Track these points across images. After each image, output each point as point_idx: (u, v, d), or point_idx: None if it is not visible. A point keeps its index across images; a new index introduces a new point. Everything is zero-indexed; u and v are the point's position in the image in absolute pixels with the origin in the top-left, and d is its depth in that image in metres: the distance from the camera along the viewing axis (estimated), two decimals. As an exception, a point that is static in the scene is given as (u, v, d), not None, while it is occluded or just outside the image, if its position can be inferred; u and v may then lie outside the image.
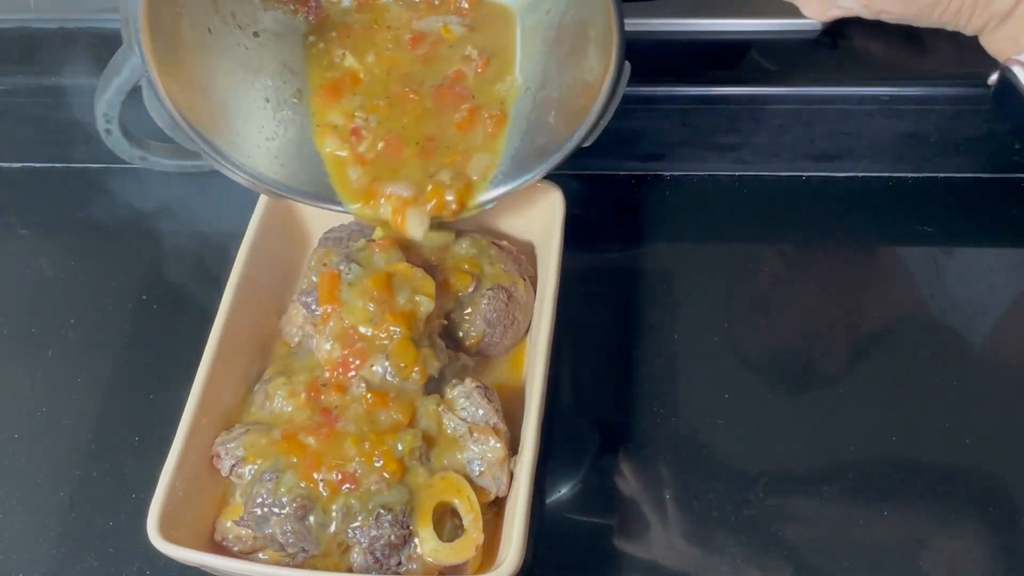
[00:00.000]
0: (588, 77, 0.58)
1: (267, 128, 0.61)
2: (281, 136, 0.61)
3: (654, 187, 0.76)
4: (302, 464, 0.53)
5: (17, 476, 0.61)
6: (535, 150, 0.60)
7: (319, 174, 0.61)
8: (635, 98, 0.71)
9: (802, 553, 0.56)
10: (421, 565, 0.52)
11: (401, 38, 0.63)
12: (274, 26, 0.61)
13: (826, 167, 0.75)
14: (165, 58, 0.53)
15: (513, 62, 0.62)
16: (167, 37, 0.53)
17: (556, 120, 0.60)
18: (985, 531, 0.57)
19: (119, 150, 0.58)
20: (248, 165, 0.59)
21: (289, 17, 0.62)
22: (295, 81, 0.62)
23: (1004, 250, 0.72)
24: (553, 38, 0.60)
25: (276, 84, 0.61)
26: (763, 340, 0.67)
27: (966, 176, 0.75)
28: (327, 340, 0.58)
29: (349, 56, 0.62)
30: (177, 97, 0.55)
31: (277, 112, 0.61)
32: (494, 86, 0.62)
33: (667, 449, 0.60)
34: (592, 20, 0.56)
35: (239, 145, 0.59)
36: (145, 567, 0.57)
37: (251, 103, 0.60)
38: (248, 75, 0.60)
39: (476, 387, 0.56)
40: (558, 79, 0.60)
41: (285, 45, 0.62)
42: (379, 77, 0.62)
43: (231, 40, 0.59)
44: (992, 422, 0.61)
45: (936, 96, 0.70)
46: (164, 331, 0.68)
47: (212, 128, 0.58)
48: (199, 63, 0.57)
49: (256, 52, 0.60)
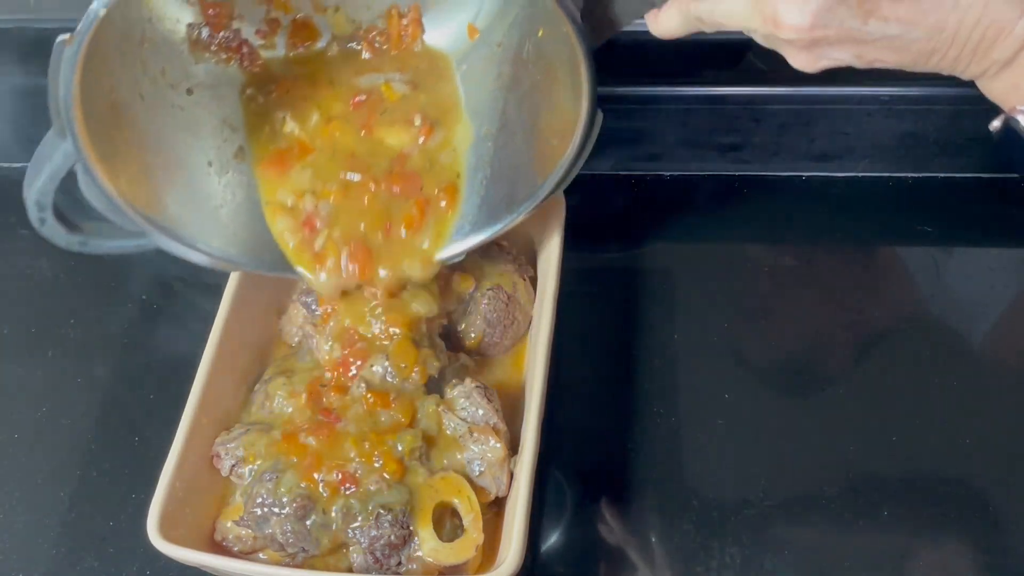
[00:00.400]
0: (556, 120, 0.55)
1: (214, 195, 0.57)
2: (229, 202, 0.58)
3: (654, 187, 0.76)
4: (302, 464, 0.53)
5: (17, 476, 0.61)
6: (504, 197, 0.58)
7: (273, 240, 0.58)
8: (635, 98, 0.72)
9: (802, 553, 0.56)
10: (421, 565, 0.52)
11: (343, 96, 0.59)
12: (207, 79, 0.57)
13: (826, 167, 0.75)
14: (99, 139, 0.50)
15: (459, 110, 0.59)
16: (100, 116, 0.50)
17: (524, 164, 0.58)
18: (984, 531, 0.57)
19: (55, 239, 0.55)
20: (198, 240, 0.56)
21: (222, 67, 0.57)
22: (236, 138, 0.58)
23: (1004, 250, 0.72)
24: (509, 74, 0.58)
25: (217, 143, 0.58)
26: (763, 340, 0.67)
27: (966, 176, 0.75)
28: (327, 340, 0.58)
29: (290, 121, 0.58)
30: (116, 179, 0.52)
31: (221, 176, 0.58)
32: (441, 154, 0.59)
33: (667, 449, 0.60)
34: (556, 57, 0.53)
35: (187, 220, 0.56)
36: (145, 567, 0.57)
37: (194, 170, 0.57)
38: (187, 138, 0.57)
39: (476, 387, 0.56)
40: (519, 119, 0.58)
41: (222, 100, 0.58)
42: (325, 152, 0.59)
43: (165, 102, 0.55)
44: (992, 422, 0.61)
45: (936, 96, 0.70)
46: (164, 331, 0.68)
47: (156, 206, 0.54)
48: (135, 137, 0.54)
49: (192, 111, 0.57)
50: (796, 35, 0.45)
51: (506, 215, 0.58)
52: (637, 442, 0.61)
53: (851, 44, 0.46)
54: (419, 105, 0.59)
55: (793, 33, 0.45)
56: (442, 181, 0.58)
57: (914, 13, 0.44)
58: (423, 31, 0.59)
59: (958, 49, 0.45)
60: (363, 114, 0.59)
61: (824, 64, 0.47)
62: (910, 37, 0.45)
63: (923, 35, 0.44)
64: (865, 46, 0.46)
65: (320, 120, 0.59)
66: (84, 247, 0.56)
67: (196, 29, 0.56)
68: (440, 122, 0.59)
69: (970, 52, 0.45)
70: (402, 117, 0.59)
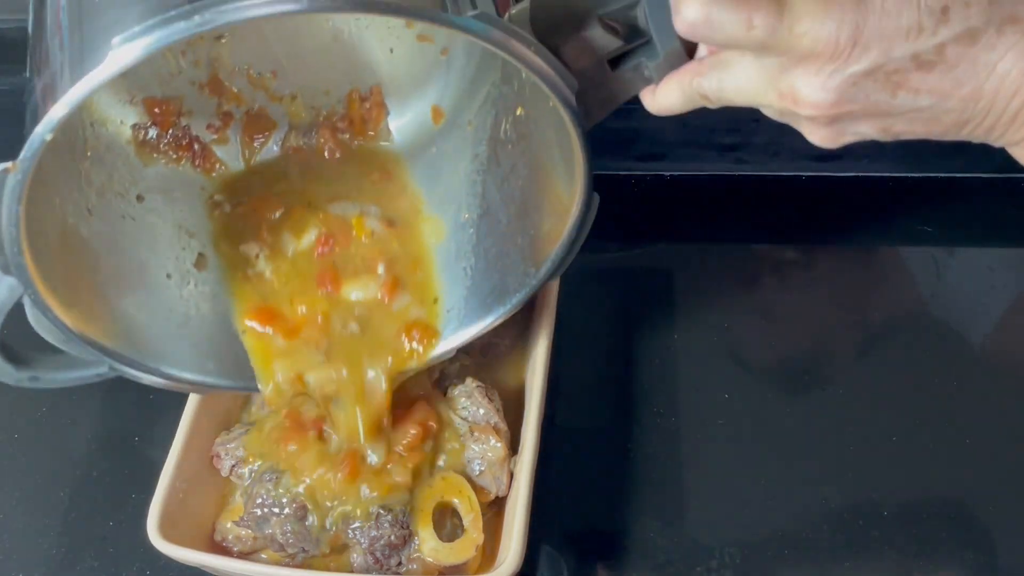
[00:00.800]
0: (545, 203, 0.52)
1: (176, 311, 0.53)
2: (194, 316, 0.53)
3: (654, 187, 0.76)
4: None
5: (17, 476, 0.61)
6: (494, 287, 0.54)
7: (243, 355, 0.53)
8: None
9: (801, 553, 0.56)
10: (421, 565, 0.52)
11: (316, 227, 0.55)
12: (158, 182, 0.54)
13: (826, 167, 0.75)
14: (48, 269, 0.44)
15: (420, 215, 0.56)
16: (47, 243, 0.45)
17: (512, 251, 0.53)
18: (985, 530, 0.57)
19: (4, 377, 0.50)
20: (163, 364, 0.51)
21: (173, 168, 0.54)
22: (194, 244, 0.54)
23: (1004, 250, 0.72)
24: (485, 155, 0.54)
25: (175, 252, 0.53)
26: (763, 340, 0.67)
27: (966, 176, 0.75)
28: (327, 340, 0.58)
29: (264, 260, 0.54)
30: (69, 309, 0.46)
31: (182, 288, 0.53)
32: (412, 304, 0.54)
33: (667, 449, 0.60)
34: (539, 136, 0.50)
35: (149, 343, 0.51)
36: (145, 567, 0.57)
37: (153, 287, 0.52)
38: (142, 251, 0.52)
39: (478, 386, 0.56)
40: (502, 203, 0.54)
41: (175, 204, 0.54)
42: (309, 316, 0.53)
43: (114, 214, 0.51)
44: (993, 422, 0.61)
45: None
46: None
47: (114, 333, 0.49)
48: (86, 260, 0.49)
49: (144, 220, 0.53)
50: (818, 112, 0.41)
51: (497, 307, 0.54)
52: (637, 442, 0.61)
53: (878, 118, 0.41)
54: (389, 252, 0.55)
55: (815, 110, 0.41)
56: (421, 325, 0.54)
57: (947, 83, 0.40)
58: (387, 112, 0.57)
59: (994, 119, 0.41)
60: (328, 261, 0.55)
61: (847, 140, 0.43)
62: (942, 108, 0.40)
63: (956, 106, 0.40)
64: (893, 119, 0.41)
65: (289, 262, 0.54)
66: (35, 383, 0.51)
67: (142, 130, 0.53)
68: (406, 278, 0.55)
69: (1007, 121, 0.41)
70: (366, 266, 0.55)
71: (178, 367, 0.52)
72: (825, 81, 0.40)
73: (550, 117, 0.45)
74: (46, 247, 0.44)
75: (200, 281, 0.54)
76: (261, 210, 0.56)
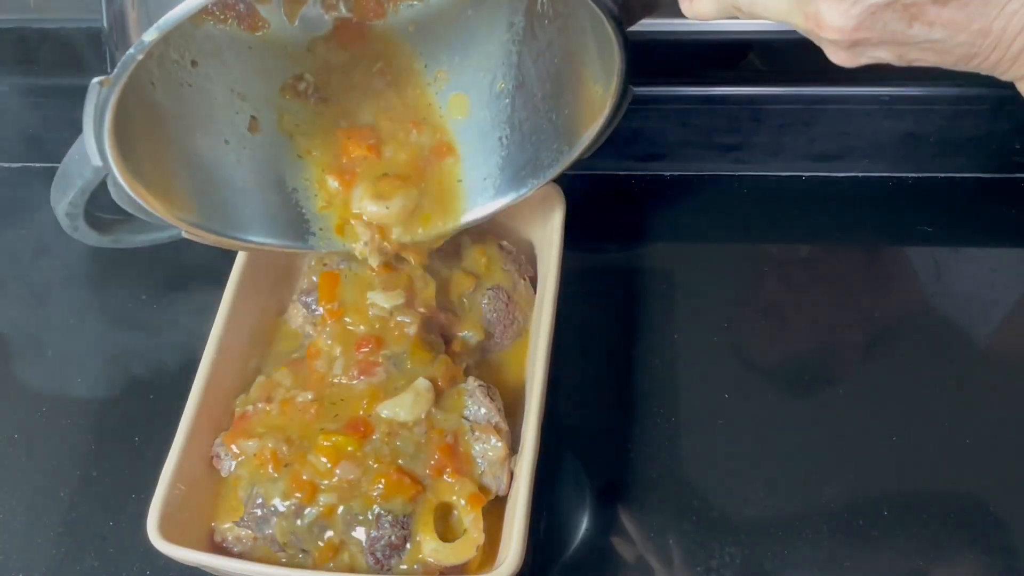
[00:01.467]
0: (582, 89, 0.55)
1: (236, 178, 0.58)
2: (252, 181, 0.58)
3: (654, 187, 0.76)
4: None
5: (17, 476, 0.61)
6: (528, 161, 0.58)
7: (295, 217, 0.59)
8: (635, 98, 0.72)
9: (802, 553, 0.56)
10: (422, 565, 0.52)
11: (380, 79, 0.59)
12: (209, 45, 0.56)
13: (826, 167, 0.75)
14: (127, 154, 0.50)
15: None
16: (125, 133, 0.49)
17: (547, 129, 0.57)
18: (985, 530, 0.57)
19: (88, 241, 0.56)
20: (228, 230, 0.57)
21: (221, 29, 0.56)
22: (246, 108, 0.58)
23: (1005, 250, 0.72)
24: (522, 26, 0.56)
25: (229, 116, 0.57)
26: (763, 340, 0.67)
27: (966, 176, 0.75)
28: (327, 340, 0.58)
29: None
30: (145, 188, 0.52)
31: (240, 153, 0.58)
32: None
33: (667, 449, 0.60)
34: (576, 20, 0.52)
35: (216, 211, 0.57)
36: (145, 567, 0.57)
37: (214, 153, 0.57)
38: (201, 117, 0.56)
39: (479, 386, 0.56)
40: (538, 79, 0.57)
41: (226, 67, 0.57)
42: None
43: (174, 82, 0.55)
44: (993, 422, 0.61)
45: (936, 96, 0.70)
46: (164, 331, 0.68)
47: (185, 204, 0.55)
48: (156, 136, 0.54)
49: (200, 85, 0.56)
50: (839, 36, 0.44)
51: (531, 179, 0.58)
52: (637, 442, 0.61)
53: (893, 46, 0.45)
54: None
55: (836, 34, 0.44)
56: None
57: (959, 18, 0.43)
58: None
59: (1000, 53, 0.45)
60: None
61: (863, 61, 0.47)
62: (953, 41, 0.44)
63: (966, 39, 0.44)
64: (907, 47, 0.45)
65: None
66: (117, 244, 0.57)
67: None
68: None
69: (1011, 58, 0.45)
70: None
71: (242, 231, 0.58)
72: (848, 9, 0.43)
73: (587, 7, 0.48)
74: (124, 133, 0.48)
75: (254, 146, 0.58)
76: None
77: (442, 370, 0.57)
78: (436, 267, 0.61)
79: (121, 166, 0.49)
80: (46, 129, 0.76)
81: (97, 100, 0.46)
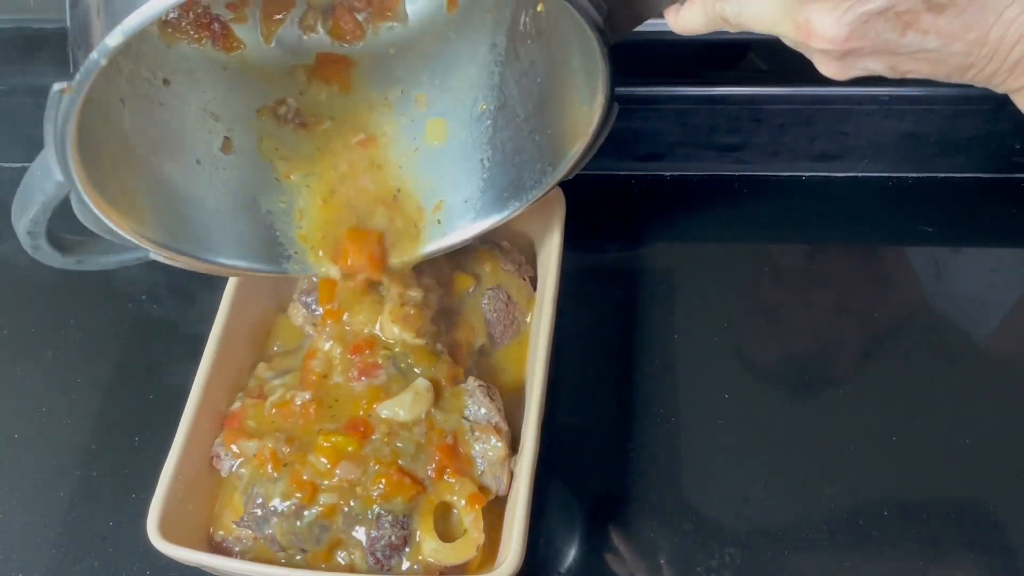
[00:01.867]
0: (565, 108, 0.54)
1: (208, 197, 0.56)
2: (223, 201, 0.56)
3: (654, 187, 0.76)
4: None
5: (17, 476, 0.61)
6: (510, 183, 0.57)
7: (269, 239, 0.58)
8: (635, 98, 0.72)
9: (801, 553, 0.56)
10: (422, 565, 0.52)
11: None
12: (182, 64, 0.54)
13: (826, 167, 0.75)
14: (91, 168, 0.47)
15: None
16: (90, 145, 0.47)
17: (529, 150, 0.56)
18: (985, 531, 0.57)
19: (51, 262, 0.53)
20: (197, 249, 0.55)
21: (194, 49, 0.55)
22: (219, 128, 0.56)
23: (1005, 250, 0.72)
24: (504, 47, 0.55)
25: (202, 136, 0.56)
26: (763, 340, 0.67)
27: (966, 176, 0.75)
28: (327, 340, 0.58)
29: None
30: (111, 204, 0.50)
31: (212, 174, 0.56)
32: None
33: (667, 449, 0.60)
34: (560, 38, 0.51)
35: (187, 232, 0.55)
36: (145, 567, 0.57)
37: (184, 174, 0.55)
38: (172, 137, 0.55)
39: (479, 386, 0.56)
40: (520, 99, 0.56)
41: (199, 86, 0.56)
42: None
43: (145, 100, 0.53)
44: (993, 422, 0.61)
45: (936, 96, 0.70)
46: (164, 331, 0.68)
47: (152, 223, 0.53)
48: (123, 153, 0.52)
49: (171, 105, 0.54)
50: (831, 45, 0.43)
51: (513, 201, 0.57)
52: (637, 442, 0.61)
53: (886, 55, 0.44)
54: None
55: (828, 44, 0.43)
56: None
57: (955, 26, 0.42)
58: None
59: (997, 64, 0.43)
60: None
61: (855, 73, 0.45)
62: (948, 51, 0.43)
63: (962, 49, 0.43)
64: (900, 58, 0.44)
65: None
66: (81, 265, 0.55)
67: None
68: None
69: (1008, 69, 0.43)
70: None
71: (213, 252, 0.56)
72: (839, 17, 0.42)
73: (571, 22, 0.47)
74: (90, 149, 0.47)
75: (227, 167, 0.56)
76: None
77: (442, 370, 0.57)
78: (437, 264, 0.61)
79: (85, 182, 0.47)
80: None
81: (59, 109, 0.43)
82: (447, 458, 0.53)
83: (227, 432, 0.56)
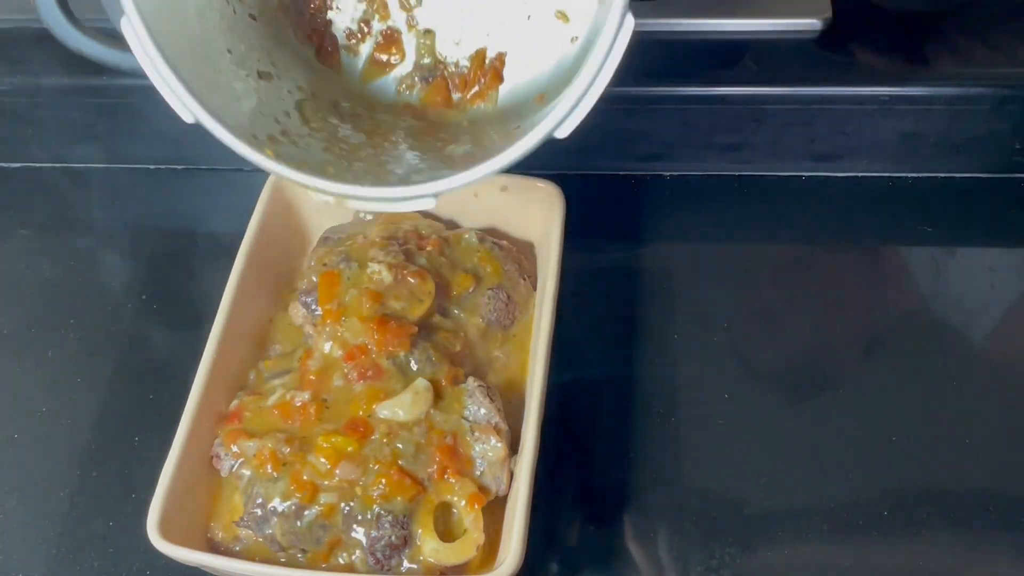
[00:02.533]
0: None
1: (224, 72, 0.52)
2: (240, 89, 0.52)
3: (654, 187, 0.76)
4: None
5: (17, 476, 0.61)
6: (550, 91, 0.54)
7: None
8: (635, 98, 0.72)
9: (801, 553, 0.56)
10: (422, 565, 0.52)
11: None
12: (276, 38, 0.54)
13: (826, 167, 0.75)
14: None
15: None
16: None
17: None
18: (986, 531, 0.57)
19: (55, 27, 0.51)
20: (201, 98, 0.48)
21: (297, 43, 0.55)
22: (267, 65, 0.54)
23: (1005, 250, 0.72)
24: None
25: (251, 54, 0.53)
26: (763, 340, 0.67)
27: (966, 176, 0.75)
28: (326, 340, 0.58)
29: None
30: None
31: (239, 69, 0.52)
32: None
33: (667, 449, 0.60)
34: None
35: (194, 76, 0.48)
36: (145, 567, 0.57)
37: (214, 42, 0.51)
38: (226, 35, 0.52)
39: (479, 386, 0.56)
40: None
41: (279, 41, 0.54)
42: None
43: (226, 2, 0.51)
44: (993, 422, 0.61)
45: (936, 96, 0.70)
46: (164, 331, 0.68)
47: (171, 43, 0.47)
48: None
49: (239, 21, 0.52)
50: None
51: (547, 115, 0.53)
52: (637, 442, 0.61)
53: None
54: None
55: None
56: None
57: None
58: (501, 82, 0.56)
59: None
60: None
61: None
62: None
63: None
64: None
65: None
66: (77, 43, 0.52)
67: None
68: None
69: None
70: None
71: (209, 108, 0.48)
72: None
73: None
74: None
75: (256, 81, 0.53)
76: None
77: (442, 370, 0.57)
78: (437, 264, 0.61)
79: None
80: (46, 130, 0.76)
81: None
82: (447, 458, 0.53)
83: (227, 432, 0.56)
